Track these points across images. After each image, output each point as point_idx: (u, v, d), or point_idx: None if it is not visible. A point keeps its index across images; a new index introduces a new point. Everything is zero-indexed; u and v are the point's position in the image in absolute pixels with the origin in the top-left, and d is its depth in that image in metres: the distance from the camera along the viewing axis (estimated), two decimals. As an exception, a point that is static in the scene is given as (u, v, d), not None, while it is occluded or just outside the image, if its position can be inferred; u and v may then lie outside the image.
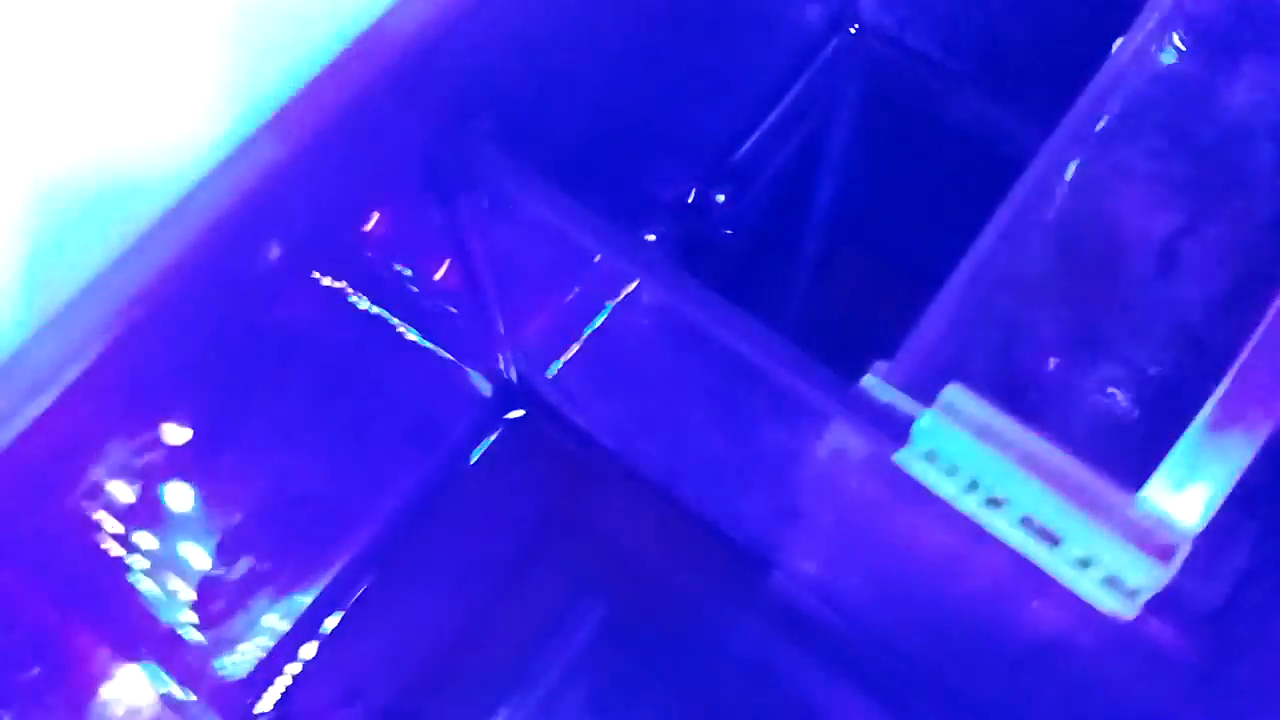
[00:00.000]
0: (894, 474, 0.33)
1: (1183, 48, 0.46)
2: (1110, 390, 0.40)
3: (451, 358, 0.48)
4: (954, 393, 0.32)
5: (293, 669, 0.47)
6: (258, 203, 0.30)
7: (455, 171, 0.36)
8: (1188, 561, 0.31)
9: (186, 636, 0.40)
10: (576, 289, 0.42)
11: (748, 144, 0.59)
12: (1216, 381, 0.35)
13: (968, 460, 0.31)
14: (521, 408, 0.52)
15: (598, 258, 0.37)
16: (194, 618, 0.40)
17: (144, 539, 0.36)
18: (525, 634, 0.51)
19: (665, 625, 0.51)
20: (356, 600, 0.49)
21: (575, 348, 0.47)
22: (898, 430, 0.32)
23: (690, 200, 0.56)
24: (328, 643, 0.48)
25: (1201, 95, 0.45)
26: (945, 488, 0.31)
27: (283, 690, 0.48)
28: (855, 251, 0.67)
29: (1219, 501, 0.31)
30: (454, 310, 0.46)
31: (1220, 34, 0.46)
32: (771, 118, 0.59)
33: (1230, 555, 0.35)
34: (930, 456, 0.31)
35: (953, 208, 0.61)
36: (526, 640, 0.51)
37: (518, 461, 0.52)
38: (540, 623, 0.51)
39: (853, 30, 0.60)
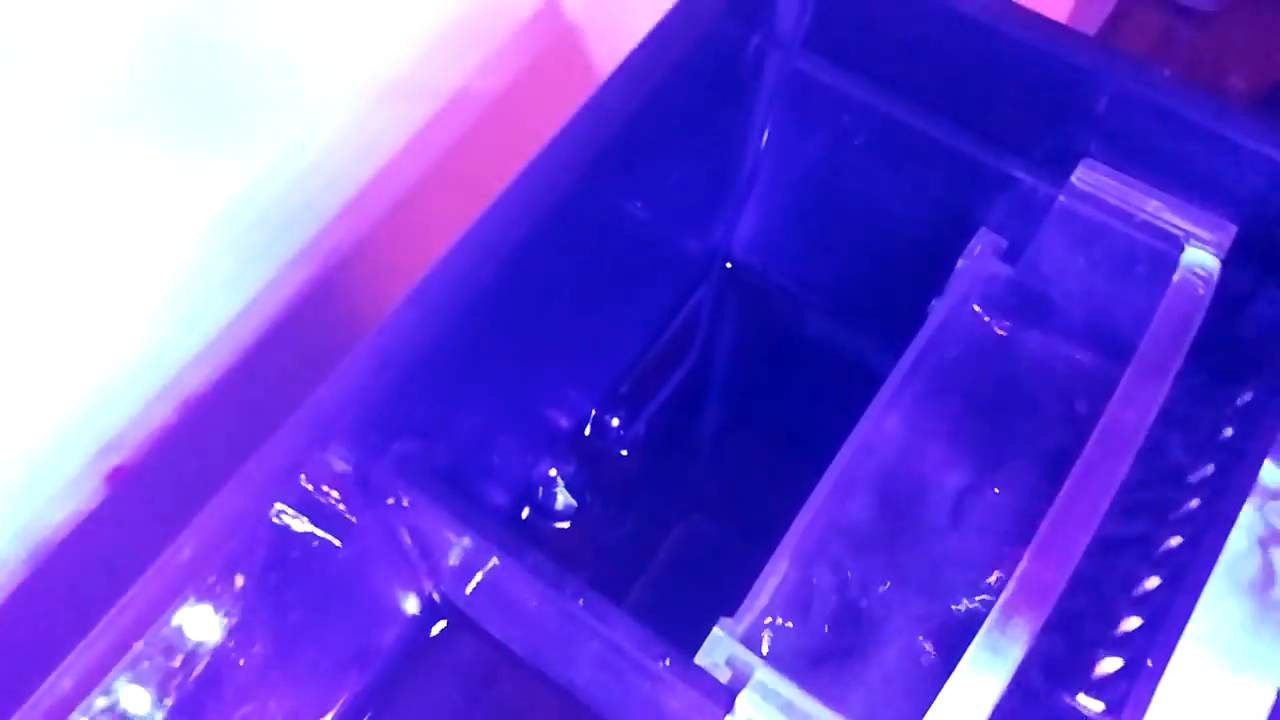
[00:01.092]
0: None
1: (985, 317, 0.57)
2: (917, 636, 0.50)
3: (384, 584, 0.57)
4: (765, 674, 0.41)
5: None
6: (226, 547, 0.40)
7: (380, 483, 0.46)
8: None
9: None
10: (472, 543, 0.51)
11: (638, 370, 0.69)
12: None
13: (776, 729, 0.40)
14: (445, 619, 0.61)
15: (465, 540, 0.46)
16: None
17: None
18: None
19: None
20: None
21: (478, 579, 0.56)
22: (725, 699, 0.41)
23: (588, 428, 0.66)
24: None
25: (993, 365, 0.56)
26: (762, 748, 0.41)
27: None
28: (741, 448, 0.77)
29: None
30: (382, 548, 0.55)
31: (1008, 310, 0.57)
32: (659, 346, 0.70)
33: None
34: (748, 725, 0.41)
35: (818, 405, 0.72)
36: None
37: (442, 666, 0.62)
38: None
39: (727, 267, 0.71)
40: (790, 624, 0.50)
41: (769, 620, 0.50)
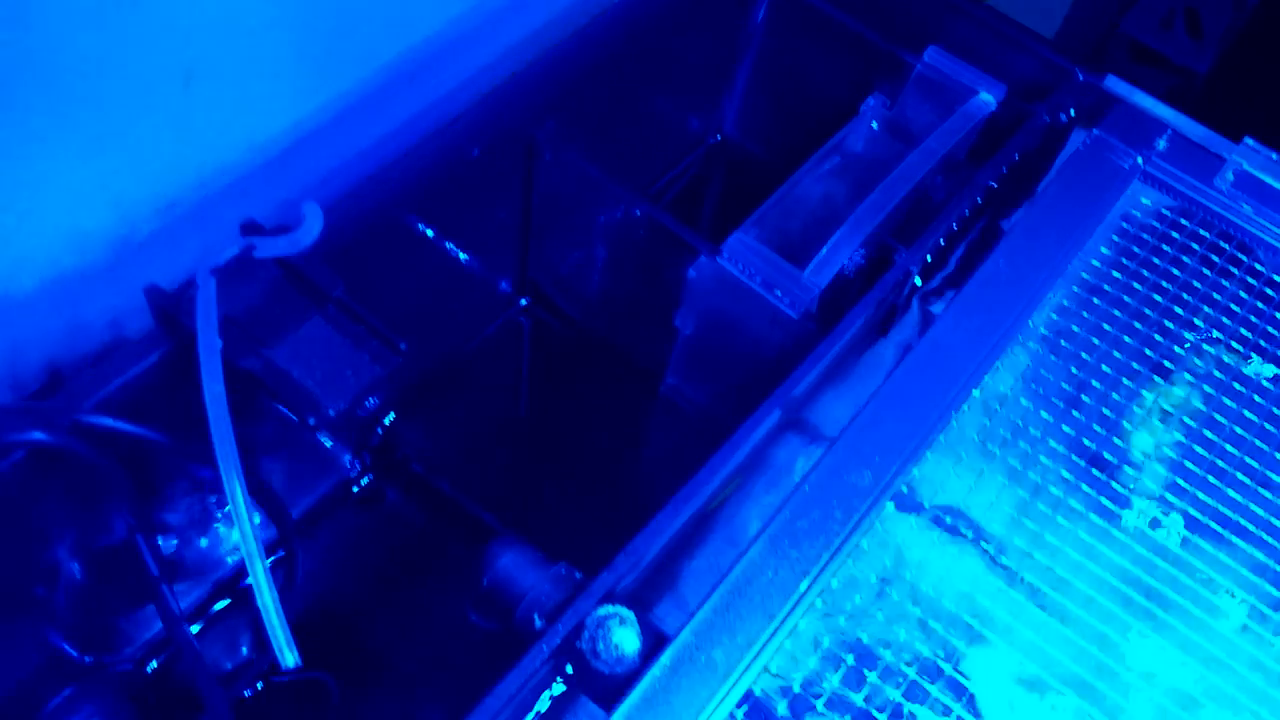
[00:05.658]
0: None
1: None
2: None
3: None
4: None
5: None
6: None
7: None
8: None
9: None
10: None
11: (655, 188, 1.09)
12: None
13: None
14: (530, 297, 0.99)
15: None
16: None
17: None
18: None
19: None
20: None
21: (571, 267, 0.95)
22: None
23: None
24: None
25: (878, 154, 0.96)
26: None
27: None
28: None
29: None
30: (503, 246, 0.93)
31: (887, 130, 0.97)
32: (667, 178, 1.10)
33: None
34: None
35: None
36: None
37: (525, 329, 1.00)
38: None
39: (718, 138, 1.11)
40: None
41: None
